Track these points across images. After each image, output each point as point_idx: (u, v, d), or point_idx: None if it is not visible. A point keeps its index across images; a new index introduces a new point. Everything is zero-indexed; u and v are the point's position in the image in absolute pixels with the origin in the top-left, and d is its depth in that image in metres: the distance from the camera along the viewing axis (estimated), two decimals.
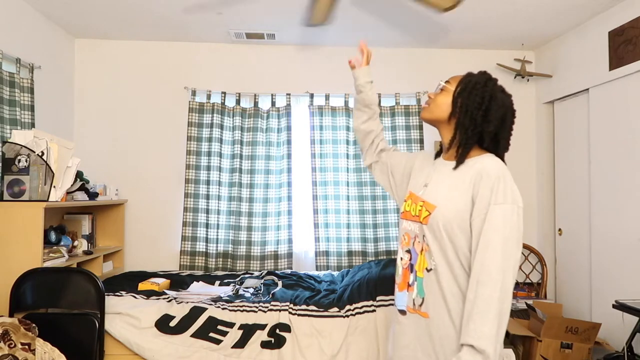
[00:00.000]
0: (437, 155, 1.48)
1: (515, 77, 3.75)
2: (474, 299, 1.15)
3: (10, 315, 2.20)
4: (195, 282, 3.05)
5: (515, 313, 3.05)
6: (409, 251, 1.39)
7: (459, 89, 1.33)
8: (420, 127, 3.73)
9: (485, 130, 1.30)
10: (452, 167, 1.33)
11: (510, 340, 2.68)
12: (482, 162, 1.27)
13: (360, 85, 1.62)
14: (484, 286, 1.14)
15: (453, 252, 1.25)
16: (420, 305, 1.31)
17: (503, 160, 1.34)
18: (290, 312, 2.46)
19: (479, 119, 1.29)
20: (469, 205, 1.23)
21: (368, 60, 1.64)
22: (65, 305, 2.26)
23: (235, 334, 2.37)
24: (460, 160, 1.31)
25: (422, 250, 1.32)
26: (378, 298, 2.53)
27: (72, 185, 2.66)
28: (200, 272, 3.43)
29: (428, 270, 1.30)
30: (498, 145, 1.34)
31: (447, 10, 2.23)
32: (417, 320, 1.32)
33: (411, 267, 1.36)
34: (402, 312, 1.38)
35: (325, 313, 2.47)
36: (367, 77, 1.61)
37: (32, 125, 2.91)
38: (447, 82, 1.38)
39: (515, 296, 3.40)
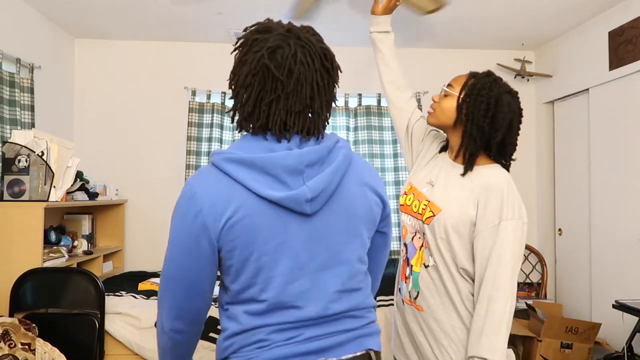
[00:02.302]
0: (443, 149, 1.47)
1: (515, 77, 3.75)
2: (486, 314, 1.19)
3: (10, 315, 2.20)
4: None
5: (515, 313, 3.01)
6: (405, 244, 1.41)
7: (464, 95, 1.31)
8: None
9: (492, 138, 1.28)
10: (460, 172, 1.32)
11: (510, 340, 2.67)
12: (490, 174, 1.28)
13: (373, 32, 1.63)
14: (496, 302, 1.19)
15: (449, 255, 1.28)
16: (416, 298, 1.35)
17: (509, 165, 1.35)
18: None
19: (487, 127, 1.27)
20: (473, 216, 1.25)
21: (392, 8, 1.62)
22: (65, 305, 2.26)
23: None
24: (467, 167, 1.31)
25: (421, 246, 1.34)
26: (378, 298, 2.53)
27: (72, 185, 2.66)
28: None
29: (426, 266, 1.32)
30: (505, 150, 1.32)
31: (430, 13, 2.24)
32: (412, 312, 1.37)
33: (407, 261, 1.39)
34: (403, 301, 1.42)
35: None
36: (385, 26, 1.62)
37: (32, 125, 2.91)
38: (449, 85, 1.36)
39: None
